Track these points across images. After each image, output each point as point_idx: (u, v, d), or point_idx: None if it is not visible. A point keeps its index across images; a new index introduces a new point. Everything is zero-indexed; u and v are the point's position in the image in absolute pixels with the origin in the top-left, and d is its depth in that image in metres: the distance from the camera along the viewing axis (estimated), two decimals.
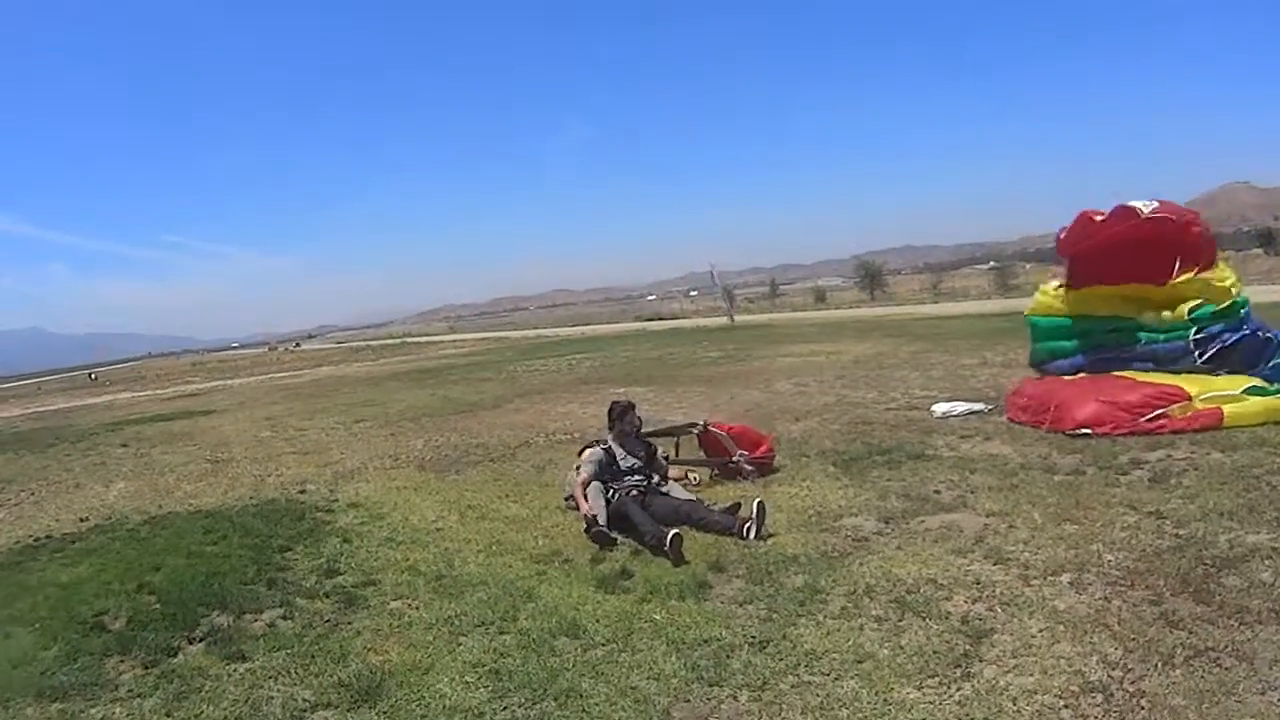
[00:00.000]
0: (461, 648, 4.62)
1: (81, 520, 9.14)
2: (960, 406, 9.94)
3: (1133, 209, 9.62)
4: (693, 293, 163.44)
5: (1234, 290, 9.28)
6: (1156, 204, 9.59)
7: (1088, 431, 8.00)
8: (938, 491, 6.73)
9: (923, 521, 6.03)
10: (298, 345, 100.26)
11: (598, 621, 4.76)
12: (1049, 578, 4.79)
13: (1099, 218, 9.87)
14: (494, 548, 6.40)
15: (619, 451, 6.90)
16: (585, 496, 6.53)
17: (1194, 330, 9.12)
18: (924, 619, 4.39)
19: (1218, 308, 9.14)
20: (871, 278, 64.09)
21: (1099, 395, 8.38)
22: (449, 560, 6.20)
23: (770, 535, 5.95)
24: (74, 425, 22.21)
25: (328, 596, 5.70)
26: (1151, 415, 7.98)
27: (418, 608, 5.32)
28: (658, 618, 4.71)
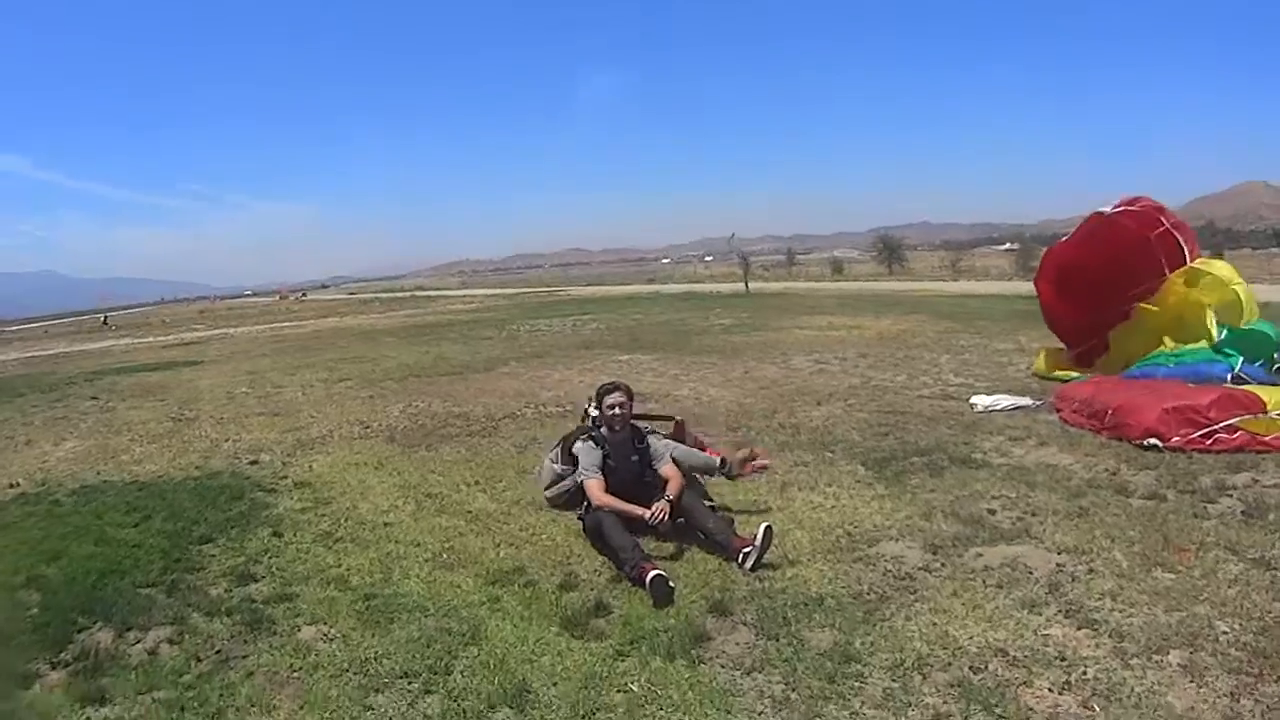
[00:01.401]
0: (370, 714, 3.46)
1: (10, 486, 8.11)
2: (1004, 400, 8.75)
3: (1094, 217, 9.92)
4: (708, 258, 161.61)
5: (1240, 294, 8.66)
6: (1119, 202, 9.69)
7: (1156, 443, 6.74)
8: (992, 511, 5.50)
9: (979, 555, 4.81)
10: (304, 295, 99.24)
11: (554, 685, 3.58)
12: (1153, 656, 3.58)
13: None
14: (445, 556, 5.23)
15: (612, 449, 5.58)
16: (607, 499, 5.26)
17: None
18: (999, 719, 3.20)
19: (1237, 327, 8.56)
20: (890, 252, 62.47)
21: (1166, 399, 7.10)
22: (387, 571, 5.03)
23: (787, 563, 4.75)
24: (56, 373, 21.26)
25: (231, 614, 4.54)
26: (1226, 423, 6.73)
27: (333, 640, 4.16)
28: (634, 688, 3.50)
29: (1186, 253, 9.25)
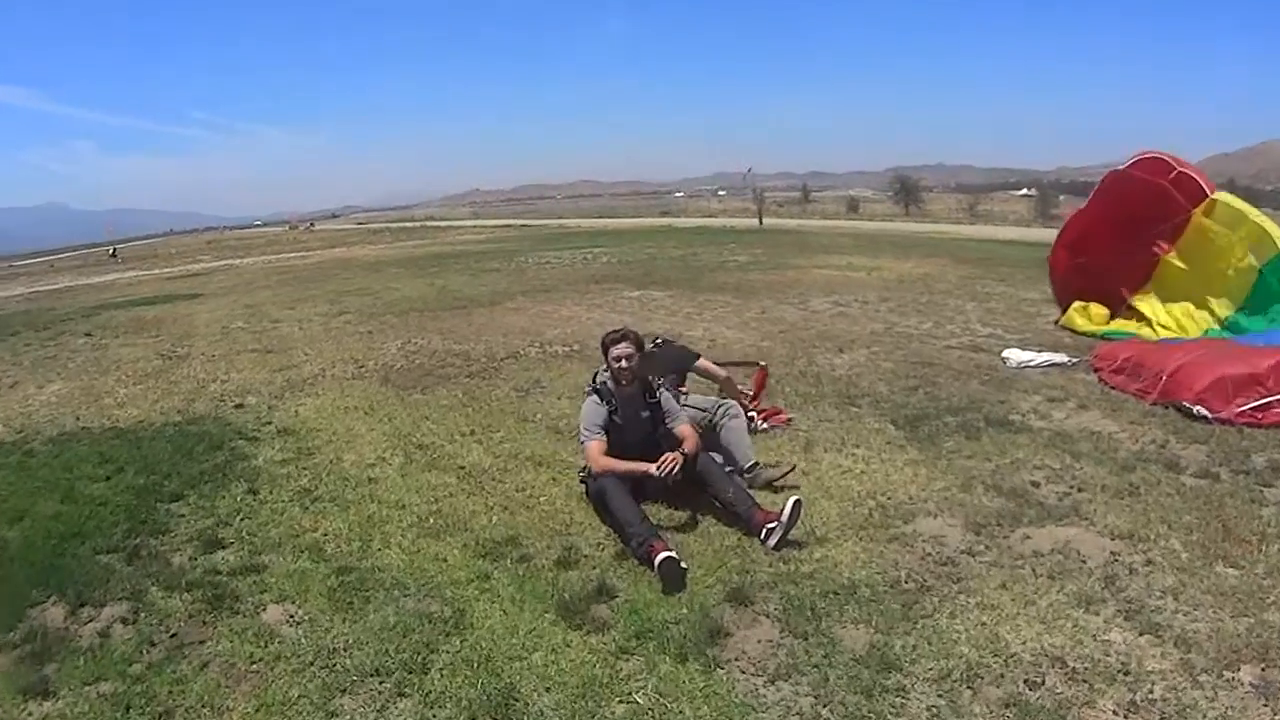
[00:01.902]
0: None
1: None
2: (1040, 356, 8.15)
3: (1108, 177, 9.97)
4: (720, 192, 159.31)
5: (1266, 225, 8.28)
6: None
7: (1206, 414, 6.14)
8: (1036, 484, 4.98)
9: (1027, 537, 4.30)
10: (311, 226, 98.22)
11: (546, 690, 3.11)
12: (1224, 673, 3.09)
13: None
14: (431, 521, 4.75)
15: (620, 405, 4.95)
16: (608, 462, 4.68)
17: None
18: None
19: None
20: (907, 192, 61.09)
21: (1224, 364, 6.48)
22: (366, 538, 4.57)
23: (814, 540, 4.26)
24: (55, 310, 20.80)
25: (192, 589, 4.09)
26: None
27: (299, 624, 3.71)
28: (640, 699, 3.03)
29: (1206, 189, 8.90)
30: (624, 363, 4.83)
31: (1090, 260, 9.92)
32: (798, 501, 4.23)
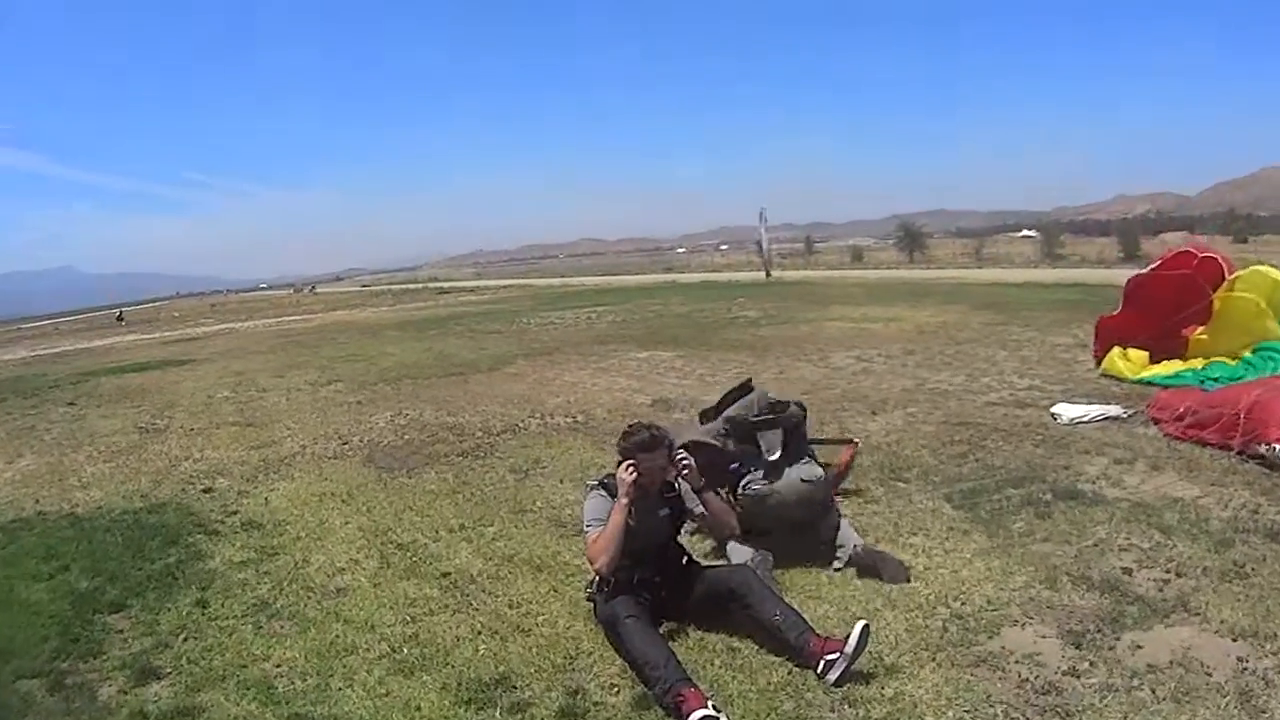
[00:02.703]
0: None
1: None
2: (1092, 410, 7.36)
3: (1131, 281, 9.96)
4: (723, 247, 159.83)
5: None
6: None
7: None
8: (1129, 571, 4.16)
9: (1138, 646, 3.47)
10: (313, 289, 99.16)
11: None
12: None
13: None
14: (405, 651, 3.86)
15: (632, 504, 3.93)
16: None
17: None
18: None
19: None
20: (911, 238, 60.46)
21: None
22: (325, 672, 3.72)
23: (882, 669, 3.39)
24: (47, 375, 20.32)
25: None
26: None
27: None
28: None
29: (1226, 270, 8.90)
30: (650, 475, 3.87)
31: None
32: (866, 627, 3.37)
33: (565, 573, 4.61)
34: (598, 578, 3.85)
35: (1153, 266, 9.80)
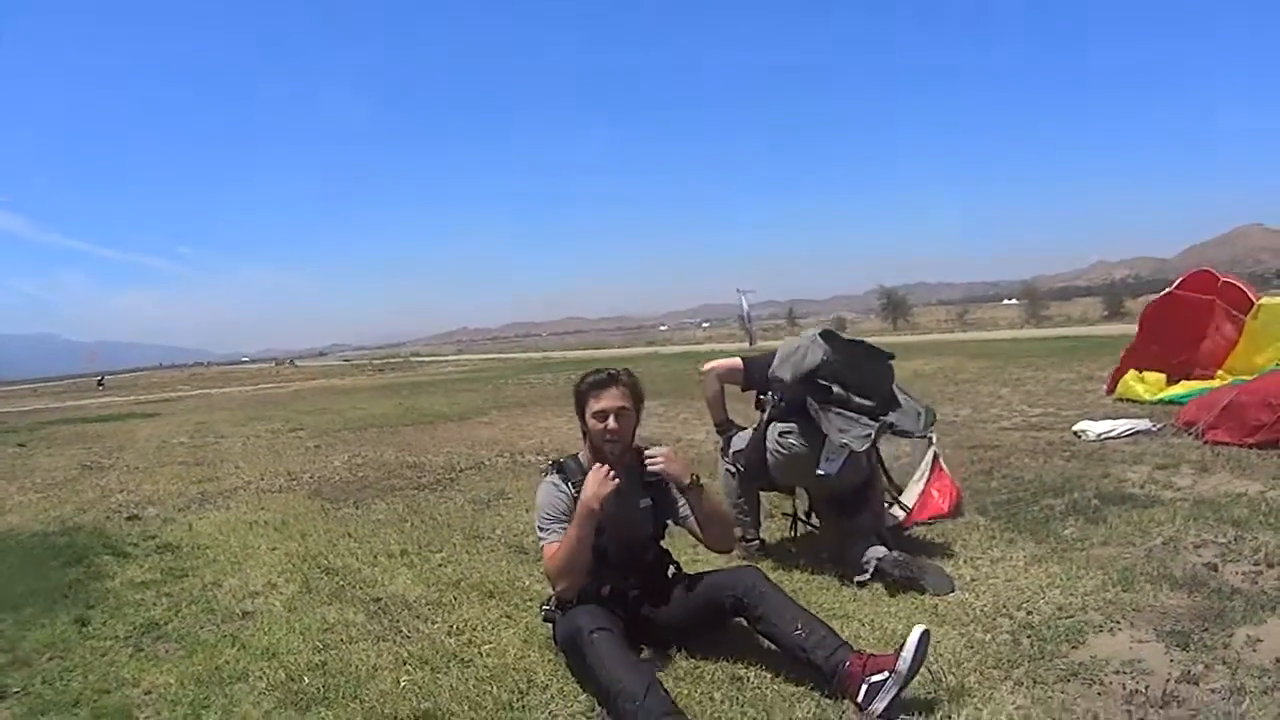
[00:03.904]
0: None
1: None
2: (1120, 424, 6.70)
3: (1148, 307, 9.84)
4: (705, 324, 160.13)
5: None
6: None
7: None
8: (1214, 567, 3.43)
9: (1257, 641, 2.73)
10: (292, 363, 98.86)
11: None
12: None
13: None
14: (306, 680, 2.95)
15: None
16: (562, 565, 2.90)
17: None
18: None
19: None
20: (894, 306, 60.29)
21: None
22: (200, 703, 2.84)
23: (944, 694, 2.52)
24: (5, 423, 19.55)
25: None
26: None
27: None
28: None
29: (1252, 298, 8.60)
30: (613, 420, 3.00)
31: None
32: (925, 633, 2.48)
33: (523, 598, 3.72)
34: (555, 597, 3.00)
35: (1173, 286, 9.39)
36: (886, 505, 4.27)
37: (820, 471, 3.68)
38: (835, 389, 3.71)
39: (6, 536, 6.08)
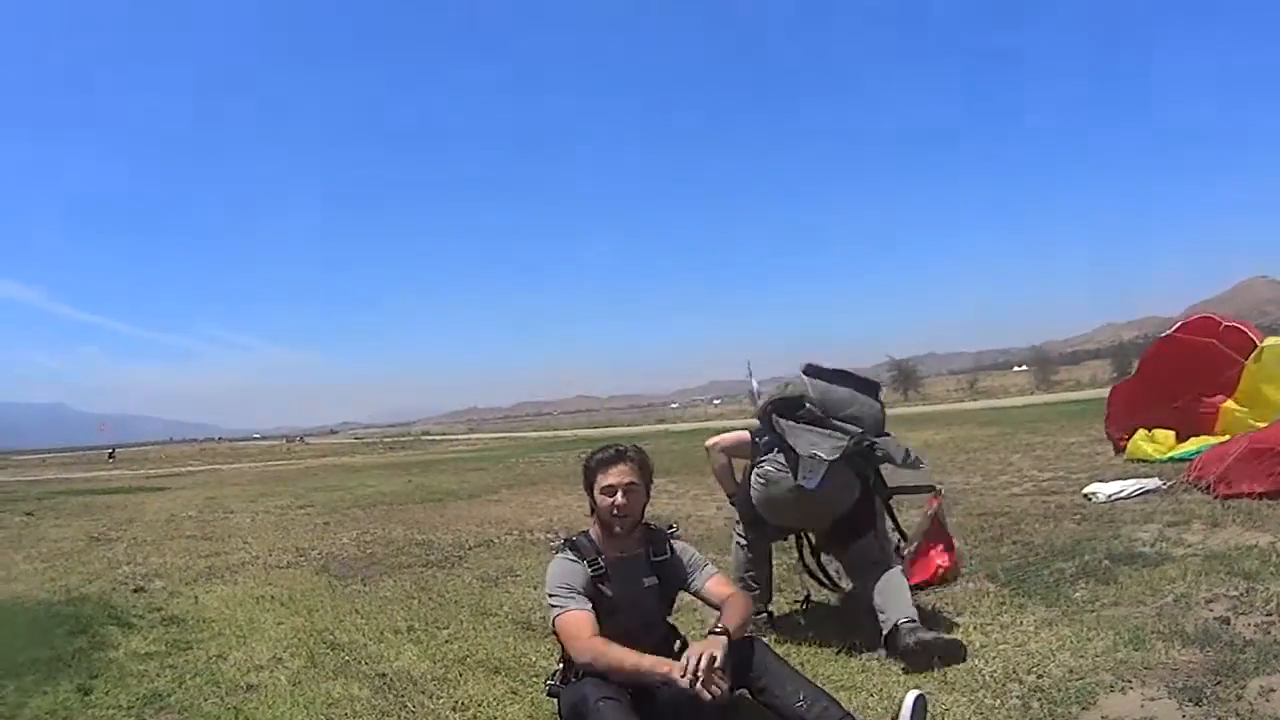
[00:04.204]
0: None
1: None
2: (1130, 484, 6.73)
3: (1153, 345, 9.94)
4: (716, 401, 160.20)
5: None
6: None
7: None
8: (1226, 621, 3.42)
9: (1270, 691, 2.72)
10: (303, 440, 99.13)
11: None
12: None
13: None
14: None
15: (610, 567, 3.07)
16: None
17: None
18: None
19: None
20: (905, 376, 60.25)
21: None
22: None
23: None
24: (14, 492, 19.68)
25: None
26: None
27: None
28: None
29: (1255, 340, 8.59)
30: (621, 496, 3.00)
31: (1145, 420, 9.02)
32: (920, 698, 2.48)
33: (530, 673, 3.68)
34: (562, 664, 2.96)
35: (1173, 329, 9.40)
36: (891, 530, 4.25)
37: (801, 483, 3.62)
38: (808, 406, 3.71)
39: (12, 604, 6.12)
